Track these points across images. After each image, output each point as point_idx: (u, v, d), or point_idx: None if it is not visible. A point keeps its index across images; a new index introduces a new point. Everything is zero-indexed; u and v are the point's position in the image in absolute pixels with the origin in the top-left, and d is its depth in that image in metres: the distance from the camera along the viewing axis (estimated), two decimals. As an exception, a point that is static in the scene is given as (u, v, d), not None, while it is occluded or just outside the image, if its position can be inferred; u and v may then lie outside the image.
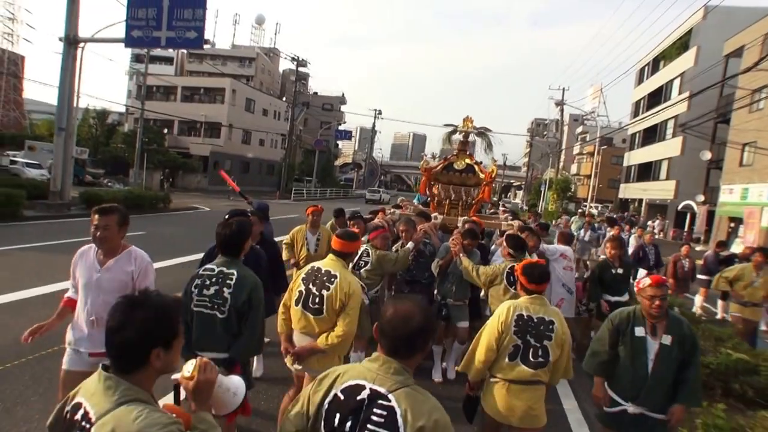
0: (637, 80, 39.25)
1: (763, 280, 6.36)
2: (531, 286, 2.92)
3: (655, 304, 2.76)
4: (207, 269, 2.86)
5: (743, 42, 21.39)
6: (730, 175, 22.54)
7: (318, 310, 2.99)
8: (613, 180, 44.57)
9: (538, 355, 2.81)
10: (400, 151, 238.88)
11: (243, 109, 42.04)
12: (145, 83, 33.10)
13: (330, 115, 63.91)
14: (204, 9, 14.32)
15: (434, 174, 7.56)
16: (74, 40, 15.40)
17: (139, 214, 16.38)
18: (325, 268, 3.09)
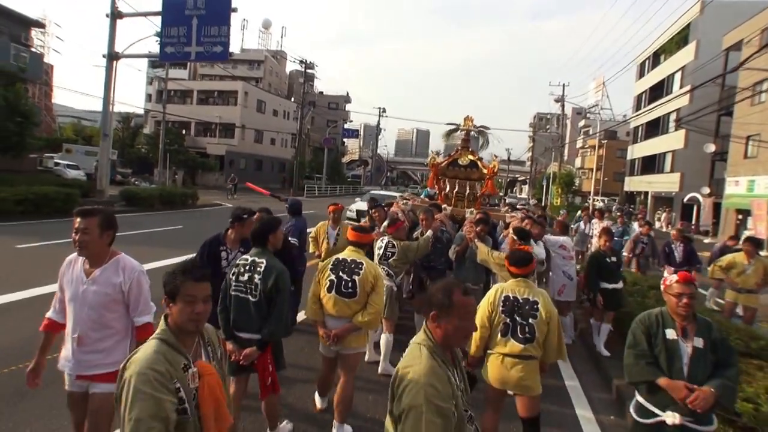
0: (638, 74, 39.57)
1: (755, 268, 6.68)
2: (514, 269, 3.30)
3: (683, 302, 2.58)
4: (242, 259, 3.25)
5: (742, 36, 21.63)
6: (735, 168, 22.76)
7: (351, 293, 3.45)
8: (618, 173, 44.69)
9: (525, 331, 3.11)
10: (404, 147, 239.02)
11: (255, 110, 43.67)
12: (166, 88, 34.70)
13: (336, 113, 65.15)
14: (228, 26, 15.80)
15: (441, 169, 8.18)
16: (116, 56, 16.87)
17: (172, 210, 17.82)
18: (350, 258, 3.57)
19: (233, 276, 3.16)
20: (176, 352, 1.77)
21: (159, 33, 21.51)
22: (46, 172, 22.78)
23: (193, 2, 15.79)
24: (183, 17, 15.85)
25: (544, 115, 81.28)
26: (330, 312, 3.47)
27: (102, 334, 2.42)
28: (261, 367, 3.08)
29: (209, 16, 15.61)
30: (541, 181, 46.23)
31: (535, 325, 3.09)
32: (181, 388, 1.72)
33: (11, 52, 22.55)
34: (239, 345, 3.05)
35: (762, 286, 6.79)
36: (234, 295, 3.11)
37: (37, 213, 12.76)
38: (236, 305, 3.10)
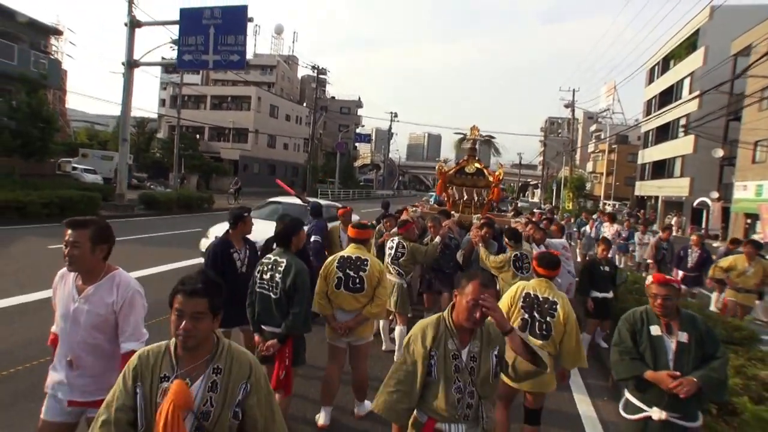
0: (648, 79, 39.54)
1: (755, 270, 6.91)
2: (542, 270, 3.38)
3: (657, 303, 2.66)
4: (266, 258, 3.43)
5: (750, 41, 21.80)
6: (744, 172, 22.93)
7: (359, 288, 3.69)
8: (630, 177, 44.58)
9: (543, 329, 3.18)
10: (416, 151, 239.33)
11: (268, 115, 44.23)
12: (181, 93, 35.42)
13: (348, 118, 65.69)
14: (245, 36, 16.22)
15: (449, 177, 8.43)
16: (134, 64, 17.49)
17: (189, 214, 18.39)
18: (354, 255, 3.79)
19: (258, 274, 3.38)
20: (168, 359, 1.70)
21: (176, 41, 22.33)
22: (65, 177, 23.55)
23: (210, 12, 16.25)
24: (200, 26, 16.30)
25: (555, 119, 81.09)
26: (341, 306, 3.71)
27: (97, 357, 2.23)
28: (278, 358, 3.26)
29: (226, 25, 16.04)
30: (551, 185, 46.23)
31: (552, 324, 3.16)
32: (141, 395, 1.65)
33: (31, 59, 23.21)
34: (264, 337, 3.31)
35: (760, 287, 7.03)
36: (258, 291, 3.34)
37: (61, 215, 13.11)
38: (260, 301, 3.33)
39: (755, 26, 21.95)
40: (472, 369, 2.05)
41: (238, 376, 1.72)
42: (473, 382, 2.04)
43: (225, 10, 16.22)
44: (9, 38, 22.56)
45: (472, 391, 2.04)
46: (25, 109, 18.81)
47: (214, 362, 1.71)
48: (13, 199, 12.43)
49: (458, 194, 8.37)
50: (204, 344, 1.71)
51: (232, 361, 1.74)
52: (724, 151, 24.34)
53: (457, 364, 2.06)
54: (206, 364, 1.70)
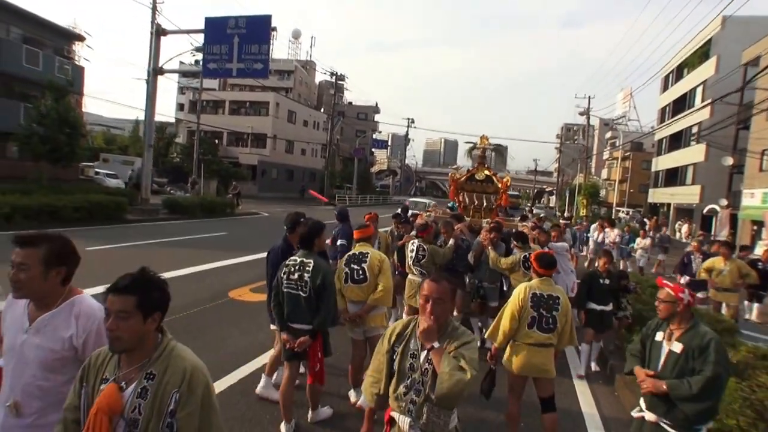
0: (662, 87, 39.59)
1: (730, 269, 7.54)
2: (540, 270, 3.72)
3: (657, 306, 2.85)
4: (292, 260, 3.63)
5: (760, 51, 21.98)
6: (751, 180, 23.15)
7: (363, 279, 4.07)
8: (644, 184, 44.58)
9: (549, 323, 3.55)
10: (432, 157, 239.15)
11: (286, 120, 44.97)
12: (200, 99, 36.47)
13: (365, 124, 66.24)
14: (268, 45, 16.90)
15: (460, 184, 8.93)
16: (160, 71, 18.37)
17: (212, 218, 19.19)
18: (357, 251, 4.24)
19: (284, 275, 3.56)
20: (114, 362, 1.64)
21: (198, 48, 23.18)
22: (88, 181, 24.23)
23: (235, 22, 16.86)
24: (225, 36, 16.89)
25: (571, 126, 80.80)
26: (350, 298, 4.12)
27: (47, 403, 1.83)
28: (312, 353, 3.50)
29: (249, 35, 16.60)
30: (564, 192, 46.34)
31: (557, 317, 3.55)
32: (84, 395, 1.63)
33: (56, 65, 23.87)
34: (293, 335, 3.51)
35: (738, 286, 7.70)
36: (286, 291, 3.53)
37: (90, 219, 13.97)
38: (289, 300, 3.52)
39: (765, 37, 22.13)
40: (426, 371, 2.10)
41: (170, 384, 1.60)
42: (423, 382, 2.10)
43: (249, 20, 16.81)
44: (34, 44, 23.26)
45: (420, 390, 2.11)
46: (54, 115, 19.61)
47: (147, 367, 1.61)
48: (47, 204, 13.05)
49: (469, 200, 8.80)
50: (140, 347, 1.61)
51: (166, 367, 1.62)
52: (733, 159, 24.49)
53: (412, 363, 2.15)
54: (141, 369, 1.61)
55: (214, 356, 5.02)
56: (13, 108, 21.83)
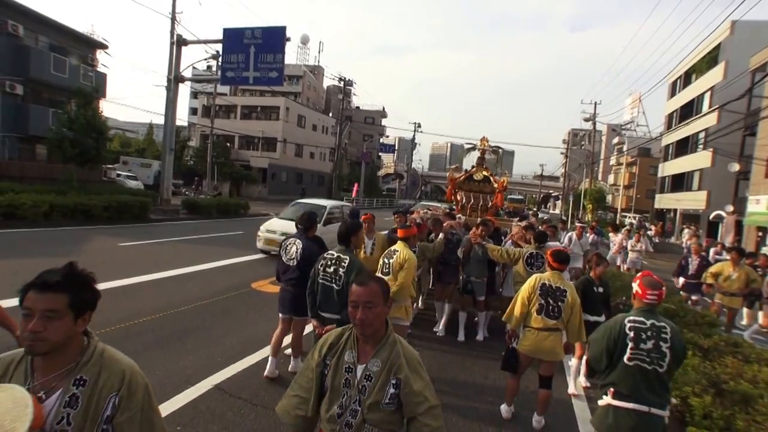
0: (670, 93, 39.76)
1: (738, 275, 7.69)
2: (555, 264, 4.15)
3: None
4: (329, 254, 3.89)
5: (767, 58, 22.35)
6: (757, 186, 23.20)
7: (387, 273, 4.47)
8: (651, 190, 44.71)
9: (554, 311, 4.00)
10: (438, 161, 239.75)
11: (295, 125, 45.93)
12: (215, 104, 37.43)
13: (372, 128, 67.05)
14: (283, 54, 17.63)
15: (458, 184, 9.11)
16: (180, 79, 19.21)
17: (228, 218, 19.98)
18: (393, 248, 4.70)
19: (321, 267, 3.82)
20: (23, 369, 1.44)
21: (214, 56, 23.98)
22: (111, 183, 25.22)
23: (251, 32, 17.64)
24: (242, 45, 17.68)
25: (578, 131, 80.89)
26: None
27: None
28: None
29: (265, 45, 17.38)
30: (568, 197, 46.68)
31: (562, 307, 3.98)
32: None
33: (80, 72, 24.80)
34: (321, 322, 3.78)
35: (744, 290, 7.82)
36: (321, 282, 3.79)
37: (118, 218, 14.88)
38: (322, 291, 3.77)
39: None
40: (363, 388, 1.83)
41: (106, 387, 1.45)
42: (360, 401, 1.82)
43: (265, 31, 17.57)
44: (61, 52, 24.24)
45: (356, 410, 1.83)
46: (82, 121, 20.63)
47: (77, 372, 1.44)
48: (80, 203, 13.93)
49: (466, 199, 9.05)
50: (63, 351, 1.43)
51: (100, 371, 1.47)
52: (739, 165, 24.74)
53: (348, 378, 1.87)
54: (67, 375, 1.43)
55: (238, 338, 5.66)
56: (43, 113, 22.88)
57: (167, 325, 5.87)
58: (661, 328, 2.78)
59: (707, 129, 28.39)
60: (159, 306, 6.55)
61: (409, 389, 1.80)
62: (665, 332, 2.77)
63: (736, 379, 3.89)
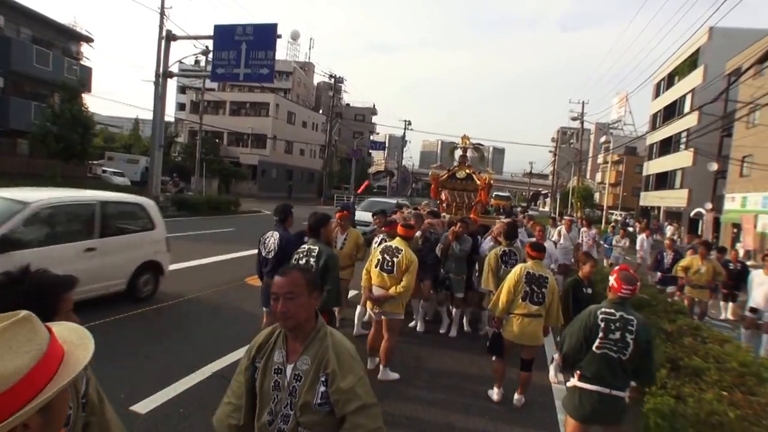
0: (654, 94, 40.76)
1: (706, 268, 8.06)
2: (534, 254, 4.46)
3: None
4: (303, 248, 4.06)
5: (741, 63, 22.88)
6: (733, 185, 24.26)
7: (390, 270, 4.57)
8: (636, 188, 45.75)
9: (539, 297, 4.27)
10: (428, 158, 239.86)
11: (285, 121, 45.74)
12: (203, 100, 37.23)
13: (362, 125, 67.08)
14: (274, 51, 17.69)
15: (441, 182, 9.04)
16: (169, 75, 19.22)
17: (218, 216, 20.09)
18: (394, 245, 4.70)
19: (295, 261, 3.99)
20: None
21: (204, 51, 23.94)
22: (96, 179, 24.87)
23: (242, 29, 17.59)
24: (233, 42, 17.60)
25: (567, 129, 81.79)
26: (375, 282, 4.65)
27: None
28: None
29: (256, 41, 17.35)
30: (555, 194, 47.41)
31: (545, 293, 4.27)
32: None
33: (65, 65, 24.24)
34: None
35: (711, 283, 8.28)
36: None
37: None
38: None
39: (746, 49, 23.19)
40: (294, 390, 1.70)
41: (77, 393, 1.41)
42: (291, 405, 1.69)
43: (256, 28, 17.57)
44: (44, 45, 23.70)
45: (288, 415, 1.69)
46: (67, 115, 20.27)
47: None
48: None
49: (450, 197, 8.98)
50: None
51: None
52: (718, 165, 25.60)
53: (277, 380, 1.73)
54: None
55: (235, 329, 5.91)
56: (24, 107, 22.42)
57: (167, 316, 6.13)
58: (628, 321, 3.01)
59: (688, 129, 29.19)
60: (156, 298, 6.78)
61: (337, 386, 1.65)
62: (632, 324, 3.00)
63: (691, 356, 4.27)
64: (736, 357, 4.24)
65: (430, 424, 4.00)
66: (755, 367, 4.04)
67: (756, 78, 17.96)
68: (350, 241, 6.02)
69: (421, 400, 4.44)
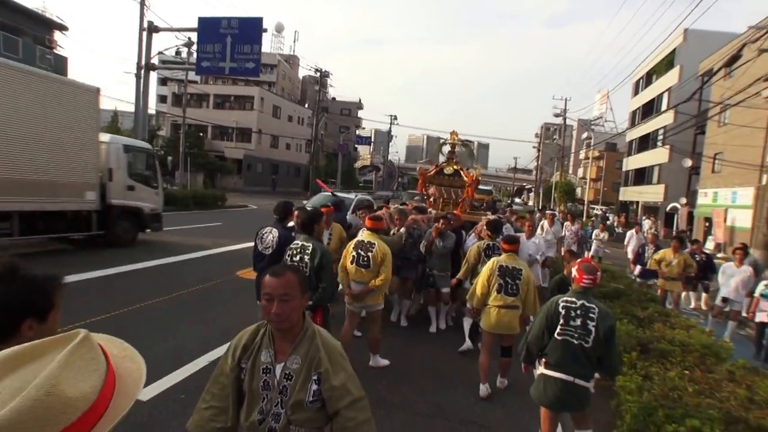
0: (634, 91, 41.70)
1: (678, 261, 8.39)
2: (507, 247, 4.62)
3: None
4: (295, 243, 4.03)
5: (713, 64, 23.96)
6: (705, 181, 25.27)
7: (366, 265, 4.59)
8: (616, 183, 46.73)
9: (513, 288, 4.40)
10: (414, 153, 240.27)
11: (270, 115, 45.39)
12: (186, 93, 36.53)
13: (348, 120, 66.90)
14: (260, 45, 17.61)
15: (428, 178, 8.98)
16: (152, 67, 18.99)
17: (205, 210, 20.08)
18: (366, 240, 4.73)
19: (288, 257, 4.00)
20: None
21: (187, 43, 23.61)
22: None
23: (227, 22, 17.46)
24: (218, 35, 17.46)
25: (550, 125, 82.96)
26: (353, 278, 4.68)
27: None
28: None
29: (242, 35, 17.25)
30: (538, 189, 48.29)
31: (519, 284, 4.41)
32: None
33: (36, 53, 22.65)
34: None
35: (682, 275, 8.63)
36: None
37: None
38: None
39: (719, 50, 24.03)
40: (284, 389, 1.73)
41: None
42: (282, 403, 1.72)
43: (242, 21, 17.47)
44: (12, 31, 22.10)
45: (279, 413, 1.72)
46: None
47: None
48: None
49: (437, 193, 8.94)
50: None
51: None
52: (692, 161, 26.57)
53: (267, 380, 1.75)
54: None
55: (230, 321, 6.09)
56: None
57: (163, 309, 6.29)
58: (589, 308, 3.11)
59: (665, 127, 30.07)
60: (152, 292, 6.94)
61: (329, 384, 1.71)
62: (593, 312, 3.10)
63: (660, 340, 4.65)
64: (700, 340, 4.65)
65: (420, 406, 4.25)
66: (715, 349, 4.46)
67: (726, 79, 18.66)
68: (335, 236, 6.15)
69: (411, 384, 4.66)
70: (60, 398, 0.75)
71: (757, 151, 17.42)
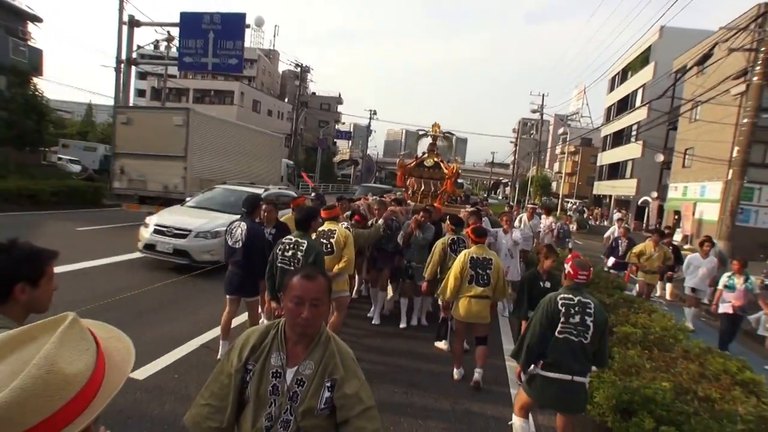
0: (609, 88, 42.73)
1: (658, 255, 8.50)
2: (476, 239, 4.72)
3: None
4: (287, 239, 4.01)
5: (686, 62, 24.52)
6: (676, 175, 26.16)
7: (330, 251, 4.62)
8: (591, 177, 47.73)
9: (484, 279, 4.52)
10: (393, 147, 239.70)
11: (250, 110, 45.11)
12: (165, 87, 36.02)
13: (327, 114, 66.77)
14: (243, 41, 17.62)
15: (408, 170, 9.01)
16: (133, 62, 18.81)
17: (183, 204, 19.82)
18: (326, 229, 4.83)
19: (279, 252, 3.97)
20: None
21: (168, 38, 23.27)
22: (51, 167, 23.59)
23: (210, 18, 17.42)
24: (200, 31, 17.43)
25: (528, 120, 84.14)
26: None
27: None
28: None
29: (224, 31, 17.26)
30: (515, 183, 49.20)
31: (490, 274, 4.55)
32: None
33: (9, 45, 22.15)
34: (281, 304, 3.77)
35: (662, 268, 8.92)
36: (280, 266, 3.92)
37: (69, 203, 14.39)
38: (281, 275, 3.87)
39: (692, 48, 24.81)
40: (295, 395, 1.66)
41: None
42: (292, 410, 1.65)
43: (224, 17, 17.45)
44: None
45: (289, 420, 1.65)
46: (19, 100, 19.08)
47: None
48: (24, 188, 13.31)
49: (417, 185, 9.00)
50: None
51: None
52: (663, 156, 27.50)
53: (276, 384, 1.67)
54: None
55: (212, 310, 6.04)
56: (-39, 91, 20.07)
57: (146, 299, 6.36)
58: (586, 304, 3.14)
59: (639, 122, 30.94)
60: (133, 284, 6.94)
61: (343, 392, 1.66)
62: (590, 307, 3.13)
63: (623, 323, 5.05)
64: (660, 323, 5.06)
65: (392, 402, 4.21)
66: (673, 331, 4.87)
67: (698, 76, 19.39)
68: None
69: (381, 379, 4.62)
70: (59, 375, 0.79)
71: (725, 146, 18.06)
